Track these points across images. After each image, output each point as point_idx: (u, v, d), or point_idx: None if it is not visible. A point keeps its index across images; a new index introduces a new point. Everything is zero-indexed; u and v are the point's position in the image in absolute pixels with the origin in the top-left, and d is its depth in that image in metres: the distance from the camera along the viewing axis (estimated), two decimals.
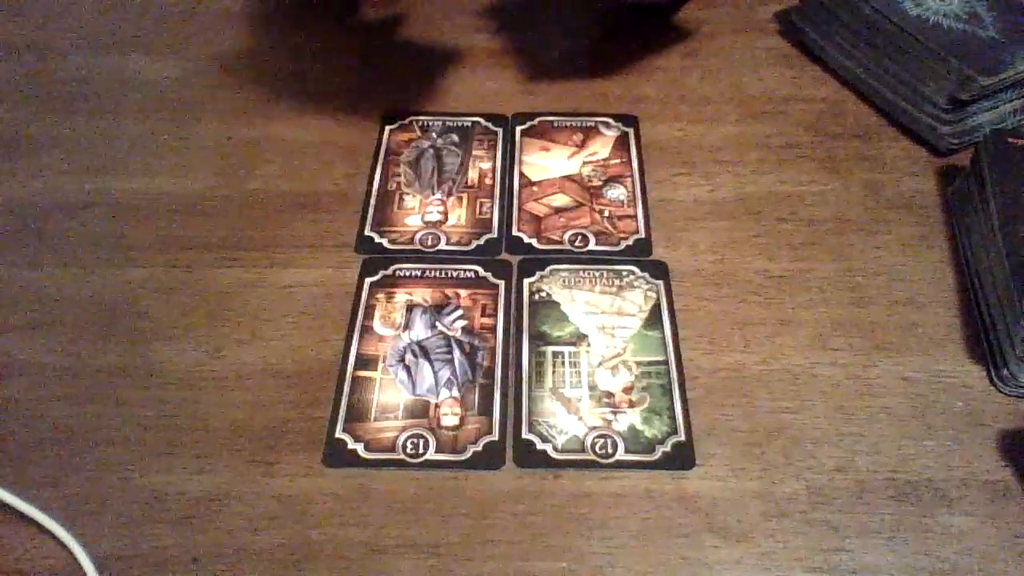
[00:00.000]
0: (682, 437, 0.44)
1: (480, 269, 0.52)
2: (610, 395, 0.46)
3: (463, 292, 0.51)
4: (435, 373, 0.47)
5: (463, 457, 0.44)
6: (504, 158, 0.59)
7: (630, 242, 0.53)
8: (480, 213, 0.55)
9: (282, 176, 0.57)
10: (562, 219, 0.55)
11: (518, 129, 0.60)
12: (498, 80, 0.64)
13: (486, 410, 0.46)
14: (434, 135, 0.60)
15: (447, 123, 0.61)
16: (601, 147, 0.59)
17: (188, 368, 0.47)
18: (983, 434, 0.45)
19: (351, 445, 0.44)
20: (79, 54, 0.66)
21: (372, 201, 0.56)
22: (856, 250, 0.53)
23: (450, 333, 0.49)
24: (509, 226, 0.54)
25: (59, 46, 0.67)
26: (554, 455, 0.44)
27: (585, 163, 0.58)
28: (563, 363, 0.47)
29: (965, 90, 0.55)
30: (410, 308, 0.50)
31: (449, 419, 0.45)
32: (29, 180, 0.57)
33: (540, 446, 0.44)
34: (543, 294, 0.51)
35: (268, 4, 0.71)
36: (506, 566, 0.40)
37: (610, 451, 0.44)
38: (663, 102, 0.63)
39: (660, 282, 0.51)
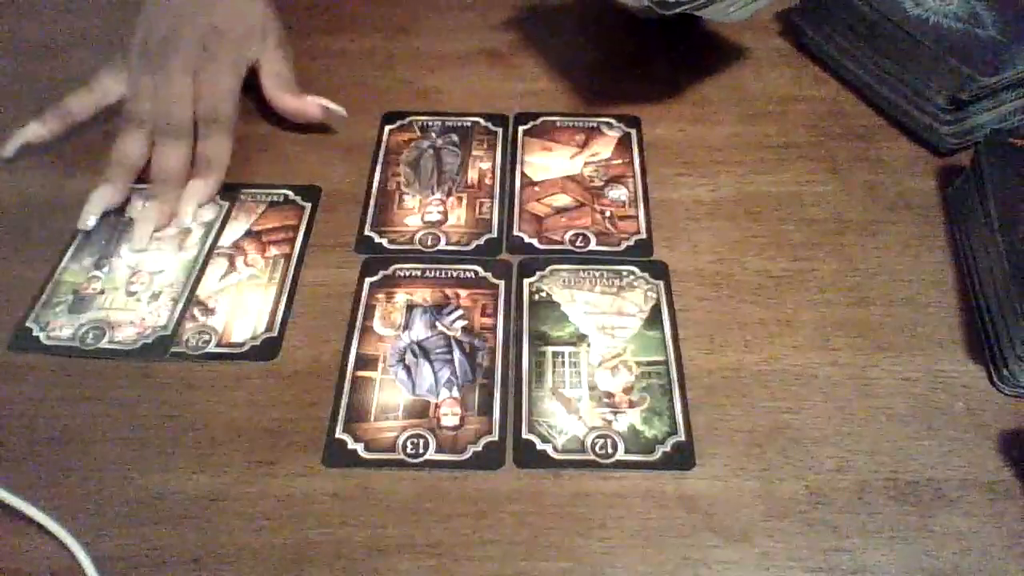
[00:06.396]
0: (682, 437, 0.44)
1: (480, 269, 0.52)
2: (610, 395, 0.46)
3: (463, 292, 0.51)
4: (435, 373, 0.47)
5: (463, 457, 0.44)
6: (503, 158, 0.59)
7: (631, 242, 0.53)
8: (480, 213, 0.55)
9: (282, 176, 0.57)
10: (563, 219, 0.55)
11: (520, 129, 0.60)
12: (498, 80, 0.64)
13: (486, 410, 0.45)
14: (434, 135, 0.60)
15: (447, 123, 0.61)
16: (603, 147, 0.59)
17: (188, 368, 0.47)
18: (983, 434, 0.45)
19: (351, 445, 0.44)
20: (79, 54, 0.66)
21: (372, 201, 0.56)
22: (856, 250, 0.53)
23: (450, 333, 0.49)
24: (509, 226, 0.54)
25: (59, 46, 0.67)
26: (554, 455, 0.44)
27: (587, 163, 0.58)
28: (563, 363, 0.47)
29: (965, 90, 0.55)
30: (410, 308, 0.50)
31: (449, 419, 0.45)
32: (29, 179, 0.57)
33: (540, 446, 0.44)
34: (543, 294, 0.51)
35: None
36: (506, 566, 0.40)
37: (610, 451, 0.44)
38: (664, 102, 0.63)
39: (660, 282, 0.51)
